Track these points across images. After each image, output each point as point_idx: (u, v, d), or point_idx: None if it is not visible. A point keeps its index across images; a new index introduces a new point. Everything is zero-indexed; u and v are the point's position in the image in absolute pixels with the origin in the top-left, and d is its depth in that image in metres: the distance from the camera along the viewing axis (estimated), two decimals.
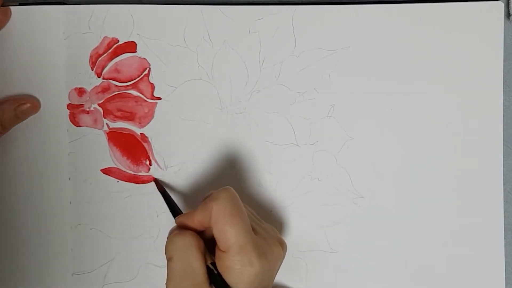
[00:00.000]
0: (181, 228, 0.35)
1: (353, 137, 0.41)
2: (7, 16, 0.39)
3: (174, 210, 0.37)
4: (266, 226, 0.37)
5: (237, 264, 0.31)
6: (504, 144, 0.41)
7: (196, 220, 0.34)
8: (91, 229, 0.40)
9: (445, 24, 0.40)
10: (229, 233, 0.32)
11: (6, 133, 0.40)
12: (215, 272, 0.32)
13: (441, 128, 0.41)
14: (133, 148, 0.40)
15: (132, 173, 0.40)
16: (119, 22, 0.40)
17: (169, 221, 0.40)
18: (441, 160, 0.41)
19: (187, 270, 0.32)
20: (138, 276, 0.41)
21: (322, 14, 0.40)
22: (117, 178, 0.40)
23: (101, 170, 0.40)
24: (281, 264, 0.36)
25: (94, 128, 0.40)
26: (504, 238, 0.41)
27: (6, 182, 0.40)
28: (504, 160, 0.41)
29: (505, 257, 0.41)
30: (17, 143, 0.40)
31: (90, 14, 0.40)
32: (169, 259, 0.33)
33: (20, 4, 0.40)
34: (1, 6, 0.39)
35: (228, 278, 0.32)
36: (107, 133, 0.40)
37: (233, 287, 0.32)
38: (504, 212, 0.41)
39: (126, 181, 0.40)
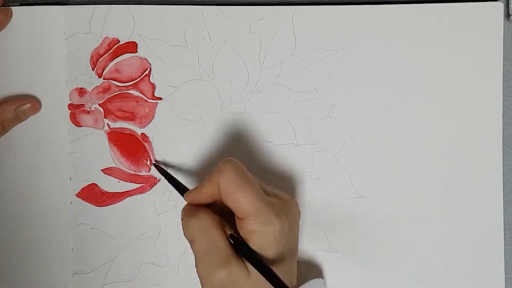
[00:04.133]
0: (192, 204, 0.35)
1: (353, 137, 0.41)
2: (8, 16, 0.39)
3: (180, 188, 0.37)
4: (277, 190, 0.36)
5: (258, 227, 0.32)
6: (503, 144, 0.41)
7: (205, 194, 0.34)
8: (91, 229, 0.40)
9: (444, 24, 0.40)
10: (243, 200, 0.32)
11: (6, 133, 0.40)
12: (240, 240, 0.32)
13: (441, 128, 0.41)
14: (134, 148, 0.40)
15: (133, 173, 0.41)
16: (120, 22, 0.40)
17: (170, 221, 0.40)
18: (440, 160, 0.41)
19: (212, 248, 0.32)
20: (138, 276, 0.41)
21: (322, 14, 0.40)
22: (118, 178, 0.40)
23: (102, 170, 0.40)
24: (299, 223, 0.36)
25: (95, 128, 0.40)
26: (504, 238, 0.41)
27: (6, 182, 0.40)
28: (503, 160, 0.41)
29: (505, 257, 0.41)
30: (17, 143, 0.40)
31: (90, 14, 0.40)
32: (191, 242, 0.33)
33: (21, 5, 0.40)
34: (2, 6, 0.39)
35: (253, 243, 0.32)
36: (107, 133, 0.40)
37: (260, 251, 0.32)
38: (504, 212, 0.41)
39: (127, 181, 0.41)
